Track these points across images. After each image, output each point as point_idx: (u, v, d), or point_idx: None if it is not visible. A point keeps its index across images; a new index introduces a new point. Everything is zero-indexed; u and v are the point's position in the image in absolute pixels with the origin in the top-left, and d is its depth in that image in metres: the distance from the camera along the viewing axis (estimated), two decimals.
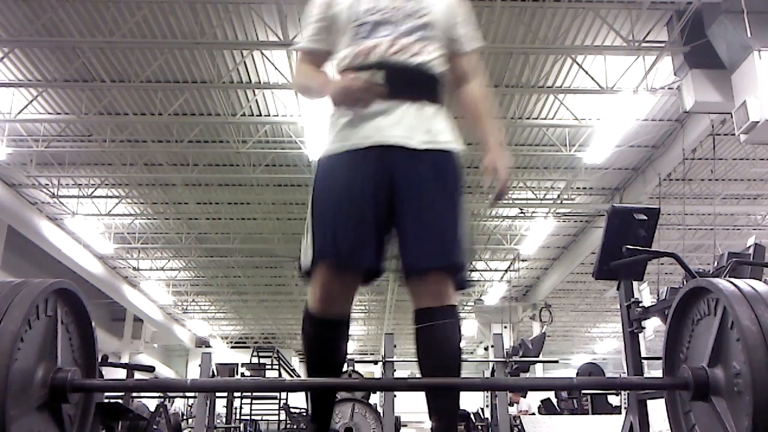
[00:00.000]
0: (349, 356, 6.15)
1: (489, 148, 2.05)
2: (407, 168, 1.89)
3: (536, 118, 9.63)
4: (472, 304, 17.84)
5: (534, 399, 11.56)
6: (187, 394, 9.69)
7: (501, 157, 2.03)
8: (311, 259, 1.88)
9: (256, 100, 9.20)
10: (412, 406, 12.33)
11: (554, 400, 10.08)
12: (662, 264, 11.55)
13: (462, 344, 1.93)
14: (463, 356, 1.94)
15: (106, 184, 11.71)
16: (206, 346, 22.96)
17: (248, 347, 20.82)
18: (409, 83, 1.97)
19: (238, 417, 10.30)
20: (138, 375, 7.28)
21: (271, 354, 12.48)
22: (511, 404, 8.98)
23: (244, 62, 8.32)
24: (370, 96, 1.90)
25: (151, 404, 7.42)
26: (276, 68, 8.13)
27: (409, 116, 1.93)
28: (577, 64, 8.18)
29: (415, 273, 1.87)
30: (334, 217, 1.87)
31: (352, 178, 1.89)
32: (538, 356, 8.33)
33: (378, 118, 1.92)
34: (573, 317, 21.48)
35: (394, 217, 1.89)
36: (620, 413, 7.45)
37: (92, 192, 11.61)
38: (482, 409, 10.22)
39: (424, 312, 1.86)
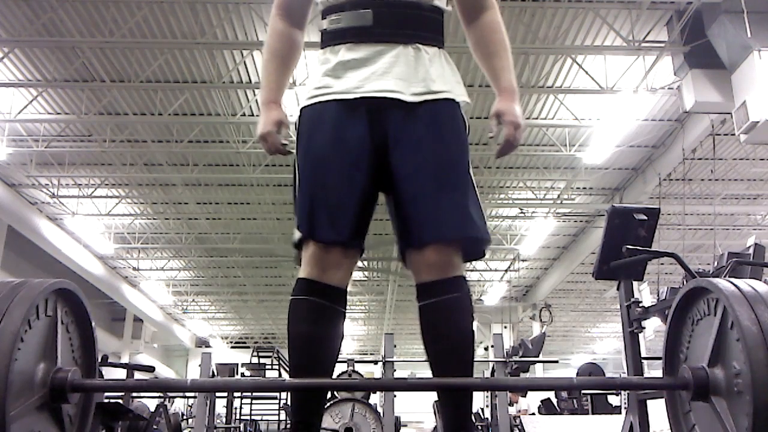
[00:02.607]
0: (349, 356, 6.14)
1: (499, 92, 1.75)
2: (404, 126, 1.63)
3: (536, 118, 9.63)
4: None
5: (534, 399, 11.56)
6: (187, 394, 9.69)
7: (511, 103, 1.72)
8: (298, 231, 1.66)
9: (256, 100, 9.19)
10: (412, 406, 12.38)
11: (554, 400, 10.08)
12: (662, 264, 11.55)
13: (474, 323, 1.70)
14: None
15: (106, 184, 11.71)
16: (206, 346, 22.96)
17: (248, 347, 20.82)
18: (402, 21, 1.67)
19: (238, 417, 10.29)
20: (138, 375, 7.28)
21: (271, 354, 12.47)
22: (510, 404, 8.98)
23: (244, 62, 8.32)
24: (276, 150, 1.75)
25: (151, 404, 7.41)
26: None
27: (402, 63, 1.65)
28: (577, 64, 8.18)
29: (415, 246, 1.64)
30: (319, 185, 1.64)
31: (339, 135, 1.64)
32: (538, 356, 8.32)
33: (367, 66, 1.65)
34: (573, 317, 21.47)
35: (388, 183, 1.66)
36: (620, 413, 7.44)
37: (92, 192, 11.61)
38: (482, 409, 10.21)
39: (428, 286, 1.64)
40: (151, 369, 6.56)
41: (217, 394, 7.95)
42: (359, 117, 1.64)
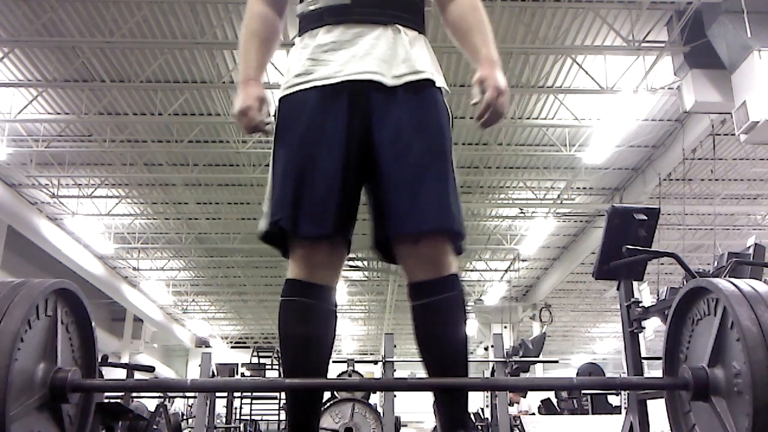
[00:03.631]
0: (349, 356, 6.14)
1: (480, 62, 1.65)
2: (387, 110, 1.59)
3: (536, 118, 9.63)
4: (472, 304, 17.84)
5: (534, 399, 11.56)
6: (187, 394, 9.69)
7: (493, 70, 1.62)
8: (268, 222, 1.61)
9: None
10: (412, 406, 12.38)
11: (554, 400, 10.08)
12: (662, 264, 11.55)
13: (467, 327, 1.65)
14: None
15: (106, 184, 11.71)
16: (206, 346, 22.95)
17: (248, 347, 20.83)
18: (382, 1, 1.64)
19: (238, 417, 10.30)
20: (138, 375, 7.28)
21: (271, 354, 12.47)
22: (511, 404, 8.97)
23: None
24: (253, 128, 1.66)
25: (151, 404, 7.41)
26: (276, 68, 8.12)
27: (383, 45, 1.62)
28: (577, 64, 8.18)
29: (407, 239, 1.58)
30: (301, 178, 1.57)
31: (321, 125, 1.58)
32: (538, 356, 8.32)
33: (347, 48, 1.62)
34: (573, 317, 21.48)
35: (371, 172, 1.60)
36: (620, 413, 7.44)
37: (92, 192, 11.61)
38: (482, 409, 10.22)
39: (421, 286, 1.60)
40: (151, 369, 6.57)
41: (217, 394, 7.95)
42: (341, 104, 1.59)
